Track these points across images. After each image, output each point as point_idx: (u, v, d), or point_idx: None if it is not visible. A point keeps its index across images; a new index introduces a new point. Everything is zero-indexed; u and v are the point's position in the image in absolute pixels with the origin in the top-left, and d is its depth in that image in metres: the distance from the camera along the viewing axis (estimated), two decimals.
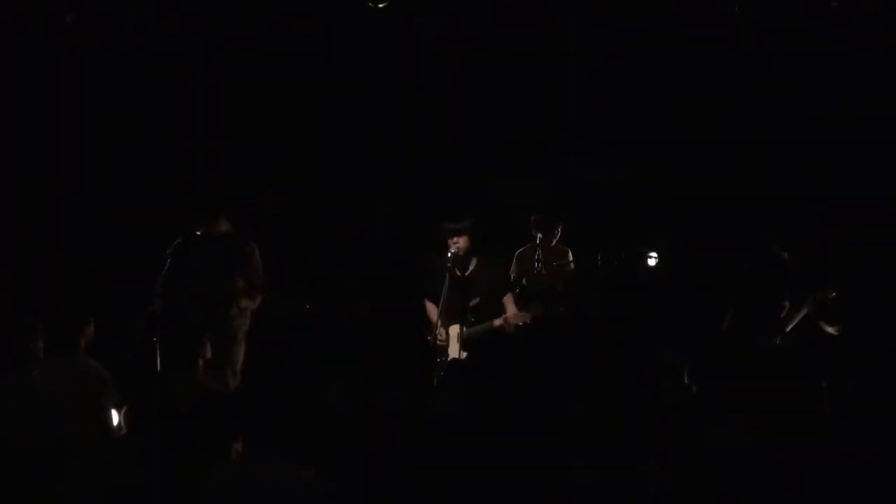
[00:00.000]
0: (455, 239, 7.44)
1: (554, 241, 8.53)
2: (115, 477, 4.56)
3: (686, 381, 5.49)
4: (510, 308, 7.51)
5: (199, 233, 7.34)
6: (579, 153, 9.09)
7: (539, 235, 8.45)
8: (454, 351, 7.42)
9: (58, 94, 8.78)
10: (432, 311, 7.62)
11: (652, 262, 8.71)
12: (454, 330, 7.45)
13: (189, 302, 7.44)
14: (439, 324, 7.38)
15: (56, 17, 8.57)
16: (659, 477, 4.46)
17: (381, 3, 8.44)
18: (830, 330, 7.31)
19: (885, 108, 8.52)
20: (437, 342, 7.40)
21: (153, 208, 8.67)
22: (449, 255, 7.46)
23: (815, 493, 4.50)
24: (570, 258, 8.56)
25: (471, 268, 7.58)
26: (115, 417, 5.75)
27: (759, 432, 4.77)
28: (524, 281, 8.35)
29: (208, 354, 6.21)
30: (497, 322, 7.37)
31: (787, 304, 7.40)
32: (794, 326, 7.33)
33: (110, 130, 8.92)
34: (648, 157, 9.05)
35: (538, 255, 8.37)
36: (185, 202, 7.86)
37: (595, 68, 8.94)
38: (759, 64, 8.73)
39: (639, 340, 8.04)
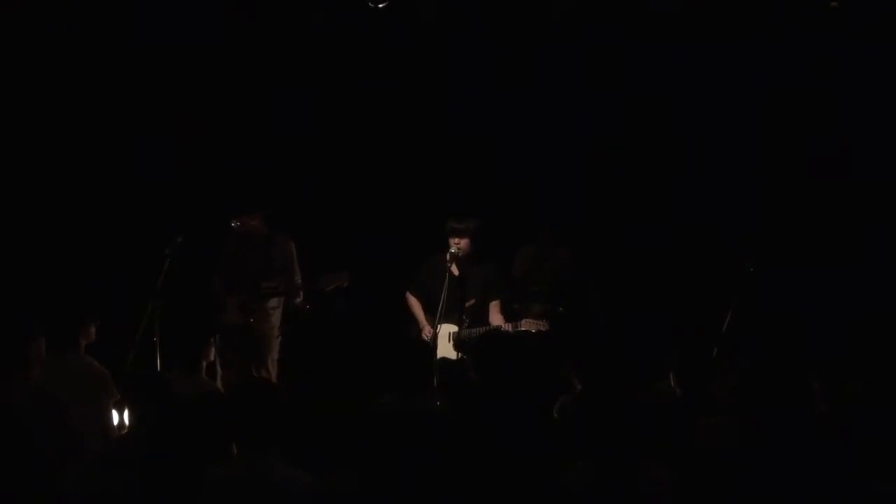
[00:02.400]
0: (457, 240, 7.45)
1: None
2: (115, 477, 4.56)
3: (672, 383, 5.49)
4: (494, 316, 7.52)
5: (234, 225, 7.38)
6: (577, 154, 9.08)
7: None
8: (445, 350, 7.41)
9: (58, 93, 8.78)
10: (416, 305, 7.62)
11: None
12: (446, 329, 7.44)
13: (224, 297, 7.47)
14: (439, 323, 7.36)
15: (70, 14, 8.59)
16: (659, 477, 4.46)
17: (381, 2, 8.44)
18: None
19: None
20: (425, 338, 7.39)
21: (153, 208, 8.67)
22: (448, 254, 7.46)
23: (812, 492, 4.51)
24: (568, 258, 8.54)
25: (469, 269, 7.59)
26: (115, 417, 5.76)
27: (757, 432, 4.78)
28: (526, 280, 8.34)
29: (212, 356, 6.21)
30: (504, 327, 7.35)
31: None
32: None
33: (110, 129, 8.91)
34: (647, 156, 9.05)
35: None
36: (187, 200, 7.90)
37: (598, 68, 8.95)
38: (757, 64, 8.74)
39: (639, 340, 8.05)
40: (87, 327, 6.17)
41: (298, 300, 7.53)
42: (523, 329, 7.41)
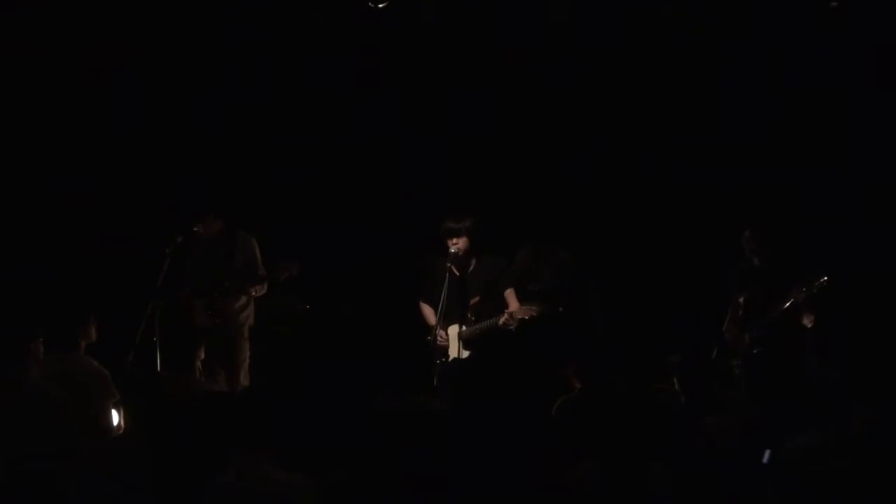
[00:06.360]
0: (454, 240, 7.45)
1: None
2: (115, 477, 4.56)
3: (676, 385, 5.50)
4: (512, 302, 7.53)
5: (196, 229, 7.41)
6: (577, 153, 9.08)
7: None
8: (454, 351, 7.43)
9: (57, 94, 8.78)
10: (429, 313, 7.62)
11: None
12: (453, 330, 7.46)
13: (191, 299, 7.50)
14: (439, 325, 7.38)
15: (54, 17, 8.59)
16: (659, 477, 4.47)
17: (381, 2, 8.44)
18: (806, 321, 7.27)
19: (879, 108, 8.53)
20: (438, 342, 7.41)
21: (153, 208, 8.66)
22: (448, 255, 7.47)
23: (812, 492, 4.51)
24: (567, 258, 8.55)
25: (470, 267, 7.60)
26: (115, 417, 5.76)
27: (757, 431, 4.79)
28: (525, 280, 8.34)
29: (202, 356, 6.20)
30: (502, 319, 7.37)
31: (741, 300, 7.45)
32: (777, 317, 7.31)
33: (110, 129, 8.91)
34: (647, 156, 9.04)
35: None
36: (178, 201, 7.93)
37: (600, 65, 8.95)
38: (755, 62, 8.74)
39: (639, 340, 8.05)
40: (88, 327, 6.18)
41: (262, 292, 7.56)
42: (519, 317, 7.42)
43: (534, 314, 7.38)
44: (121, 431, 5.57)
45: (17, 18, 8.55)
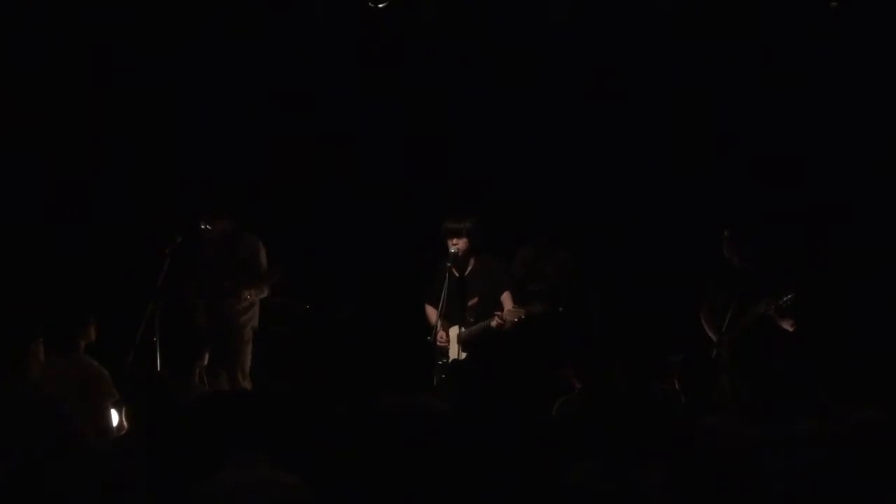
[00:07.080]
0: (455, 240, 7.45)
1: None
2: (115, 477, 4.57)
3: (676, 385, 5.50)
4: (508, 305, 7.54)
5: (203, 227, 7.41)
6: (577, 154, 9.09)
7: None
8: (455, 352, 7.44)
9: (56, 94, 8.78)
10: (432, 314, 7.64)
11: None
12: (454, 331, 7.47)
13: (193, 299, 7.49)
14: (440, 325, 7.39)
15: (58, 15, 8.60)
16: (659, 477, 4.47)
17: (381, 2, 8.45)
18: (786, 326, 7.27)
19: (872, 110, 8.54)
20: (438, 344, 7.42)
21: (153, 207, 8.67)
22: (448, 255, 7.47)
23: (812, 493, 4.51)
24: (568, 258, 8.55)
25: (469, 268, 7.61)
26: (115, 417, 5.76)
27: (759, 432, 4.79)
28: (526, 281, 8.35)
29: (205, 362, 6.19)
30: (494, 321, 7.38)
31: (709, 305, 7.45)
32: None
33: (108, 129, 8.91)
34: (648, 156, 9.04)
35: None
36: (187, 200, 7.94)
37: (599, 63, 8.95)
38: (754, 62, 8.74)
39: (639, 340, 8.04)
40: (87, 327, 6.18)
41: (262, 295, 7.55)
42: (508, 319, 7.44)
43: (522, 316, 7.40)
44: (121, 431, 5.56)
45: (17, 17, 8.56)
